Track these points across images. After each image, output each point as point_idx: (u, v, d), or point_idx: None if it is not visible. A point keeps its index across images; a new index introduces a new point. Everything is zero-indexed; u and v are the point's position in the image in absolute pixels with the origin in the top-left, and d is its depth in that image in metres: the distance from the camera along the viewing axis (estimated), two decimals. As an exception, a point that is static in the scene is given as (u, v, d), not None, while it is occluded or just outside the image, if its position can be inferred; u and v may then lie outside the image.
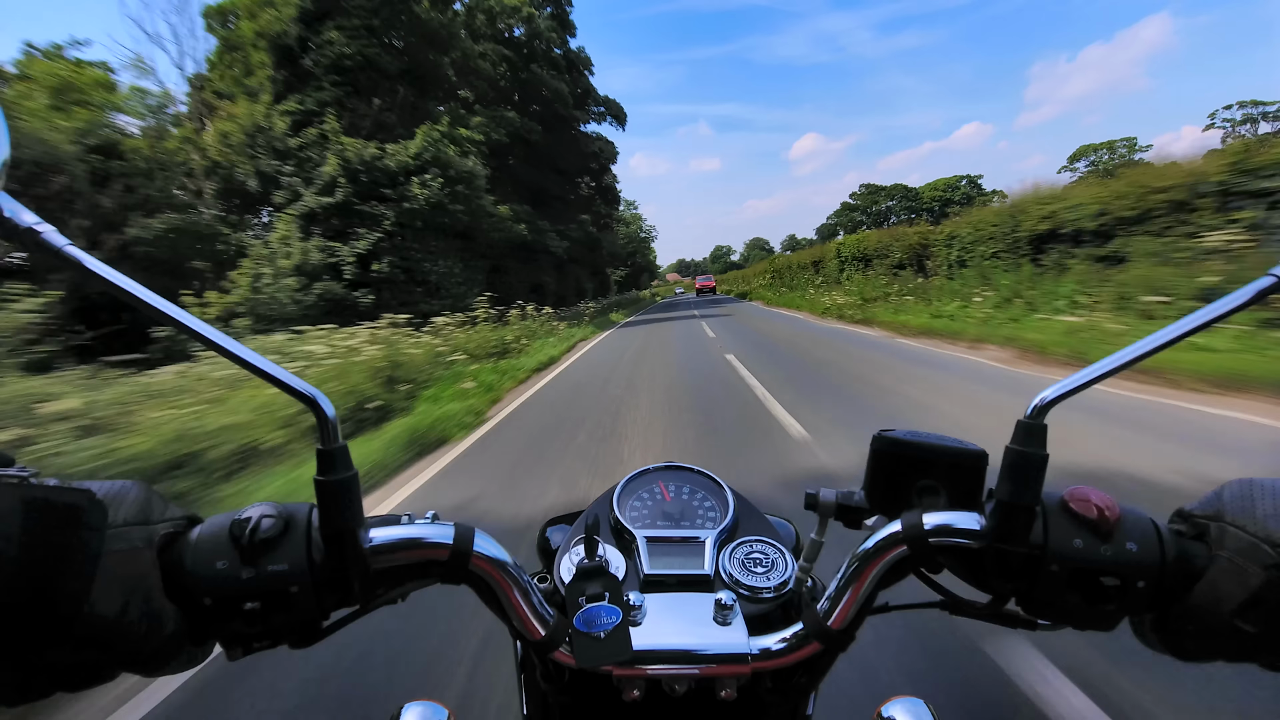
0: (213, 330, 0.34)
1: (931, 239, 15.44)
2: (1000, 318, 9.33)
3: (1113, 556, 0.36)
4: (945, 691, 1.75)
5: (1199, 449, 3.56)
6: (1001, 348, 7.80)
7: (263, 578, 0.35)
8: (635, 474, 0.62)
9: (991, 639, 1.90)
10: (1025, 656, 1.83)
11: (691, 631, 0.45)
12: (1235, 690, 1.62)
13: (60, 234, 0.31)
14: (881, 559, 0.41)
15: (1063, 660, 1.80)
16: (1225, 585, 0.34)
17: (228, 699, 1.78)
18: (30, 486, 0.29)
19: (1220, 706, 1.59)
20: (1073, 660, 1.79)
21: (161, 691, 1.84)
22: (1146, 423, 4.17)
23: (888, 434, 0.48)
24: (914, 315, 11.42)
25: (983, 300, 10.56)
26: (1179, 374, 5.18)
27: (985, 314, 9.79)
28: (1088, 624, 0.38)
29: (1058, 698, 1.68)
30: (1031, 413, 0.36)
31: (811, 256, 24.96)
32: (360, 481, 0.37)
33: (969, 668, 1.84)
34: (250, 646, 0.37)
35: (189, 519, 0.37)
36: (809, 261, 24.42)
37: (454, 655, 1.92)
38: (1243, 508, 0.35)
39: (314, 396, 0.35)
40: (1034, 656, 1.83)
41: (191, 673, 1.86)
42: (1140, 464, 3.32)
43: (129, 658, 0.33)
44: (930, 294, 13.09)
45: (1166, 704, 1.60)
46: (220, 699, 1.79)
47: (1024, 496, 0.37)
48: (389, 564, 0.40)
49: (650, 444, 4.46)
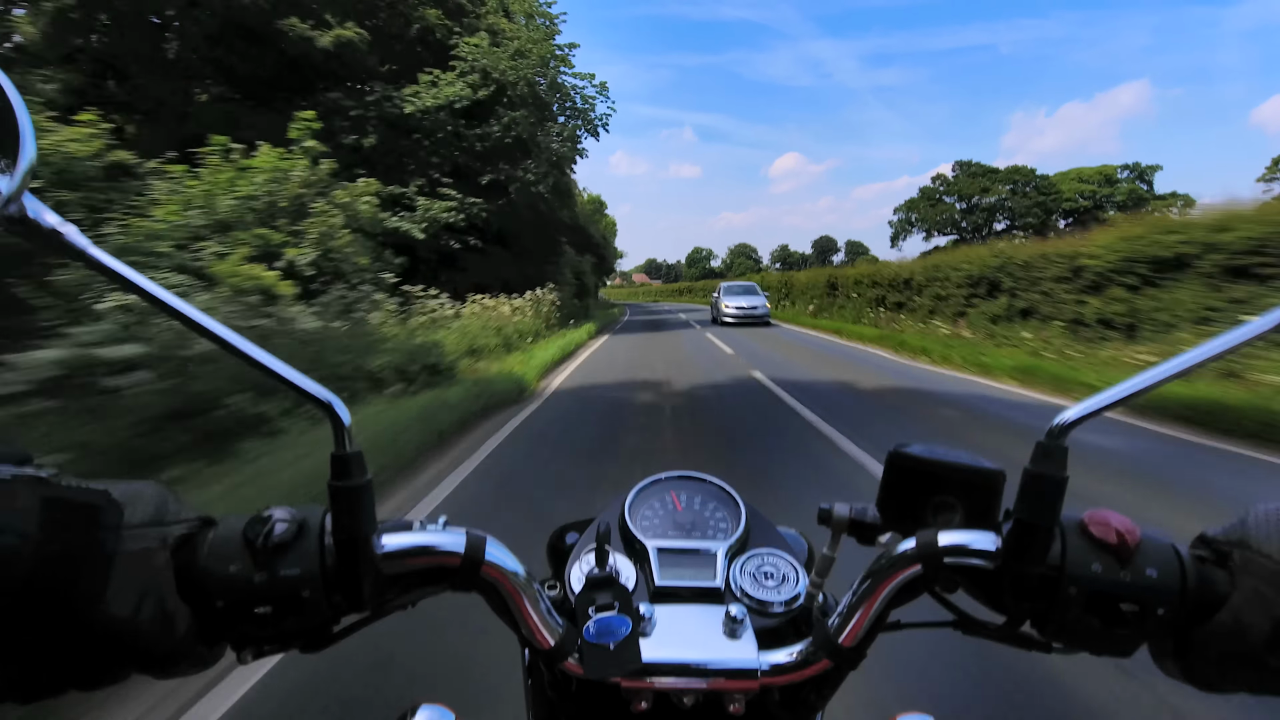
0: (235, 335, 0.34)
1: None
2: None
3: (1132, 582, 0.35)
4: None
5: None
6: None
7: (275, 581, 0.35)
8: (647, 483, 0.61)
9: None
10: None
11: (701, 644, 0.44)
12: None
13: (82, 234, 0.32)
14: (895, 577, 0.41)
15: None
16: (1249, 615, 0.33)
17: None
18: (48, 485, 0.30)
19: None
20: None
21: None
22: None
23: (903, 449, 0.47)
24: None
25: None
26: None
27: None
28: (1104, 649, 0.37)
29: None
30: (1051, 435, 0.35)
31: (907, 272, 15.31)
32: (373, 489, 0.38)
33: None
34: (261, 650, 0.37)
35: (203, 520, 0.37)
36: (900, 279, 15.48)
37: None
38: (1268, 534, 0.34)
39: (329, 401, 0.35)
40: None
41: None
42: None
43: (141, 657, 0.33)
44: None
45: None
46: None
47: (1042, 518, 0.36)
48: (400, 570, 0.40)
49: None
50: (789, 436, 4.94)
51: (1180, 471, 4.12)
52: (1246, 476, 4.01)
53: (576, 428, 5.63)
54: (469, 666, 1.88)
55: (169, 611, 0.33)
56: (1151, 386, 0.34)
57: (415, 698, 0.59)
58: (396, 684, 1.82)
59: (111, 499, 0.32)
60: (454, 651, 1.95)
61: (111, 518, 0.31)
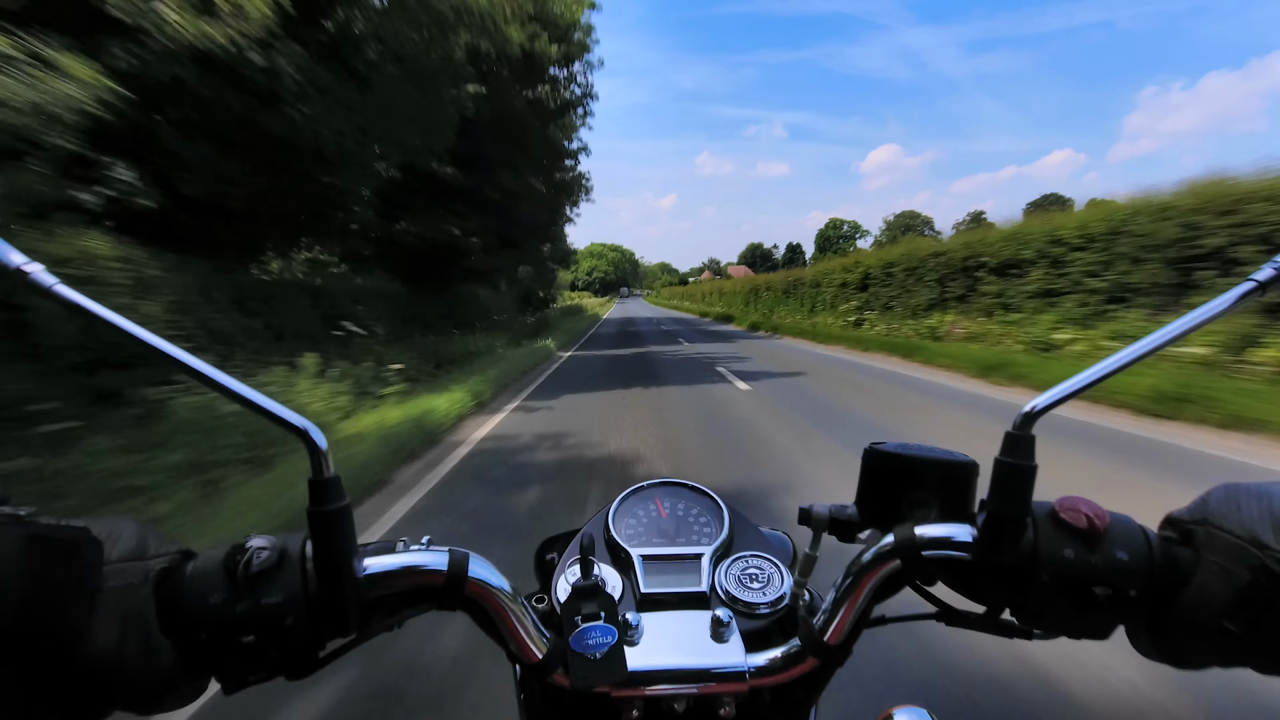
0: (208, 366, 0.34)
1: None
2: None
3: (1103, 565, 0.36)
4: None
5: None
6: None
7: (258, 610, 0.35)
8: (630, 491, 0.62)
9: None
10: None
11: (689, 650, 0.45)
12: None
13: (49, 273, 0.31)
14: (876, 572, 0.41)
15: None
16: (1213, 588, 0.34)
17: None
18: (27, 524, 0.29)
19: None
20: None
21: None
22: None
23: (879, 447, 0.48)
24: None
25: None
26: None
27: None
28: (1081, 633, 0.38)
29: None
30: (1019, 423, 0.36)
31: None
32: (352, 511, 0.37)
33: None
34: (245, 680, 0.36)
35: (183, 553, 0.37)
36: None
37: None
38: (1227, 511, 0.35)
39: (305, 429, 0.35)
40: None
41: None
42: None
43: (125, 693, 0.32)
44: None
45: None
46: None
47: (1013, 508, 0.37)
48: (384, 592, 0.39)
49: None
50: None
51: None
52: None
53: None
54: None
55: (152, 646, 0.33)
56: (1114, 372, 0.36)
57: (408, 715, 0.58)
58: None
59: (91, 535, 0.31)
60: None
61: (92, 554, 0.31)
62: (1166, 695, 1.73)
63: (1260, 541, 0.33)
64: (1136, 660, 0.41)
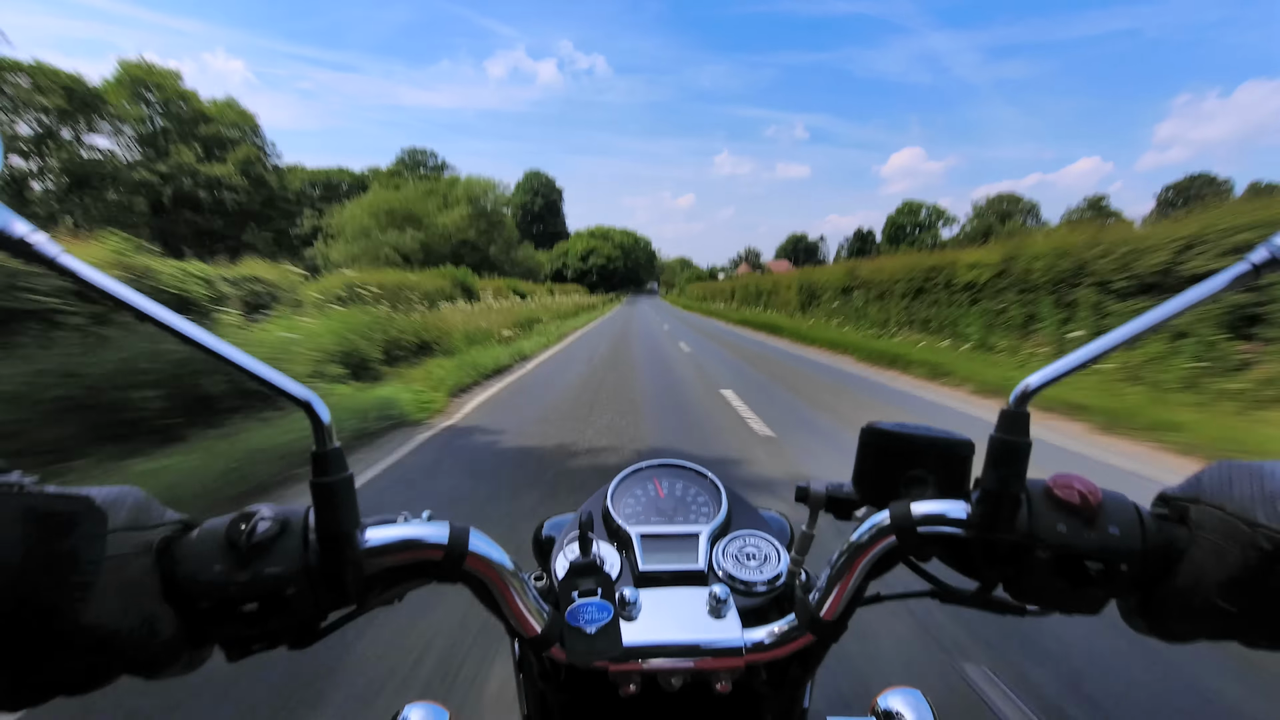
0: (209, 336, 0.34)
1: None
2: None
3: (1096, 541, 0.37)
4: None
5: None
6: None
7: (259, 580, 0.35)
8: (629, 471, 0.62)
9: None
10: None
11: (686, 626, 0.45)
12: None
13: (54, 243, 0.31)
14: (871, 549, 0.42)
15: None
16: (1205, 565, 0.35)
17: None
18: (29, 494, 0.29)
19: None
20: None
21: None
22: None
23: (876, 426, 0.48)
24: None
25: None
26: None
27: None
28: (1074, 608, 0.39)
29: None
30: (1014, 401, 0.37)
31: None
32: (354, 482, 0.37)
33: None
34: (249, 648, 0.37)
35: (185, 523, 0.37)
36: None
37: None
38: (1221, 489, 0.36)
39: (308, 400, 0.35)
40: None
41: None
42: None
43: (128, 660, 0.33)
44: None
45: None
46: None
47: (1008, 484, 0.37)
48: (385, 564, 0.40)
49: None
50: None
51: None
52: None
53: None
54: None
55: (154, 615, 0.33)
56: (1108, 351, 0.36)
57: (408, 698, 0.59)
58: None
59: (93, 505, 0.31)
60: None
61: (94, 524, 0.31)
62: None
63: (1252, 519, 0.33)
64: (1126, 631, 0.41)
